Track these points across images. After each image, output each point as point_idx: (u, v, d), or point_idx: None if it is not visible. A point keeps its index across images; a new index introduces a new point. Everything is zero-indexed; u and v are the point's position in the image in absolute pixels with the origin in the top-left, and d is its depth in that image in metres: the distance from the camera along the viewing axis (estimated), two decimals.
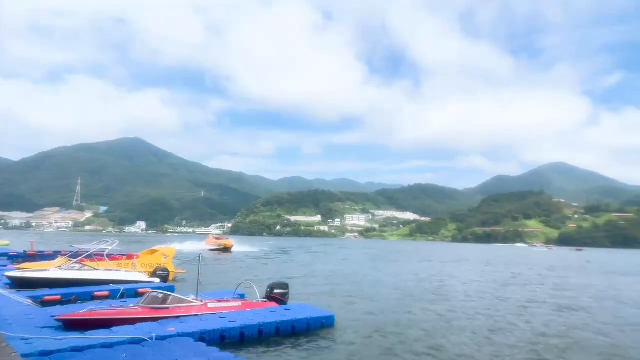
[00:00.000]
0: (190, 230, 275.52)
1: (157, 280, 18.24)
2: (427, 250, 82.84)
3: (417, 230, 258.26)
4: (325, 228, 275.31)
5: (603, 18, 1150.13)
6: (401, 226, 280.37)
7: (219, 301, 12.06)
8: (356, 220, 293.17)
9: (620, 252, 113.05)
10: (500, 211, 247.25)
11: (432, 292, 20.10)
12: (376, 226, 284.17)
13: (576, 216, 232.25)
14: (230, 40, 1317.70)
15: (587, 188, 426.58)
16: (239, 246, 62.29)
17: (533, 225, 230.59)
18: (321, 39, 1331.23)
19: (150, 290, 11.79)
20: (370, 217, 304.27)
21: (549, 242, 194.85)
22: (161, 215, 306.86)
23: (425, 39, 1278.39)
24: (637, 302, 18.87)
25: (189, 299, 11.28)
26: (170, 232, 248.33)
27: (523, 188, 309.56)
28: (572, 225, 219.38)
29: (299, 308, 12.17)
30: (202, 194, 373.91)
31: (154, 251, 24.03)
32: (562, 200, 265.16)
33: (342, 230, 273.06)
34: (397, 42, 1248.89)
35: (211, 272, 26.54)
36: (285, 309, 11.87)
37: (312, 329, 11.07)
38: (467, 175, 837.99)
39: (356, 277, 26.43)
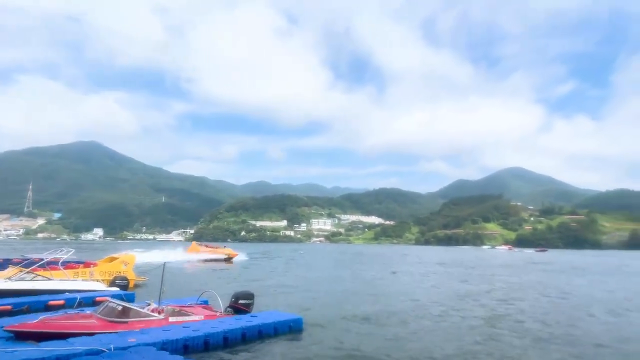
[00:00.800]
0: (151, 237, 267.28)
1: (116, 289, 17.52)
2: (391, 254, 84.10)
3: (382, 234, 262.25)
4: (291, 233, 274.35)
5: (557, 29, 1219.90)
6: (366, 230, 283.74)
7: (182, 308, 11.69)
8: (322, 224, 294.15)
9: (578, 253, 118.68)
10: (461, 214, 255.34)
11: (398, 294, 20.39)
12: (342, 230, 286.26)
13: (532, 218, 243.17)
14: (192, 42, 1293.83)
15: (541, 191, 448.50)
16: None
17: (492, 227, 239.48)
18: (286, 43, 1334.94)
19: (108, 300, 11.22)
20: (336, 221, 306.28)
21: (506, 243, 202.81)
22: (119, 222, 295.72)
23: (389, 45, 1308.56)
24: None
25: (149, 312, 10.77)
26: (130, 239, 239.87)
27: (482, 192, 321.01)
28: (528, 228, 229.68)
29: (265, 314, 11.99)
30: (163, 200, 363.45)
31: (113, 259, 23.11)
32: (519, 204, 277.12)
33: (308, 235, 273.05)
34: (361, 47, 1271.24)
35: (177, 280, 25.73)
36: (252, 316, 11.65)
37: (280, 333, 10.94)
38: (430, 180, 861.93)
39: (322, 281, 26.44)
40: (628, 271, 42.50)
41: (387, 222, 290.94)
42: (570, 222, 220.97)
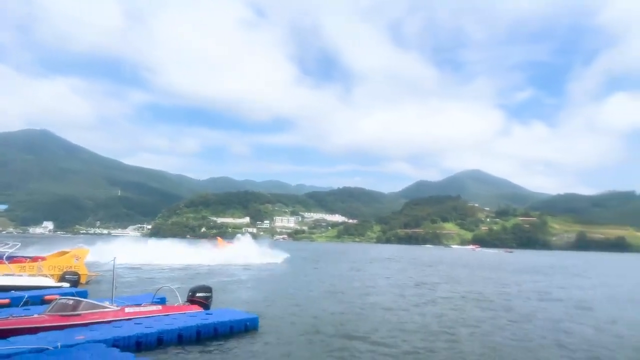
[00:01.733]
0: (106, 231, 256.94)
1: (66, 285, 16.74)
2: (355, 251, 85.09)
3: (345, 232, 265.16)
4: (253, 230, 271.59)
5: (518, 38, 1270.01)
6: (330, 228, 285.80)
7: (137, 306, 11.39)
8: (286, 222, 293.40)
9: (540, 253, 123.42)
10: (421, 214, 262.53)
11: (357, 292, 20.67)
12: (305, 228, 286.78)
13: (488, 219, 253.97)
14: (153, 29, 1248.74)
15: (498, 194, 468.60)
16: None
17: (450, 227, 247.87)
18: (253, 36, 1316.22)
19: (59, 297, 10.74)
20: (300, 219, 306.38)
21: (463, 243, 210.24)
22: (71, 215, 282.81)
23: (357, 44, 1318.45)
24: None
25: (103, 304, 10.47)
26: (83, 233, 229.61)
27: (442, 193, 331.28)
28: (484, 228, 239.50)
29: (221, 312, 11.86)
30: (119, 193, 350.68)
31: (64, 253, 22.06)
32: (476, 205, 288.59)
33: (271, 232, 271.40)
34: (329, 45, 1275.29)
35: (132, 276, 24.92)
36: (207, 313, 11.50)
37: (236, 331, 10.84)
38: (392, 180, 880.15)
39: (282, 279, 26.43)
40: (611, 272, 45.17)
41: (350, 221, 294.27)
42: (524, 223, 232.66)
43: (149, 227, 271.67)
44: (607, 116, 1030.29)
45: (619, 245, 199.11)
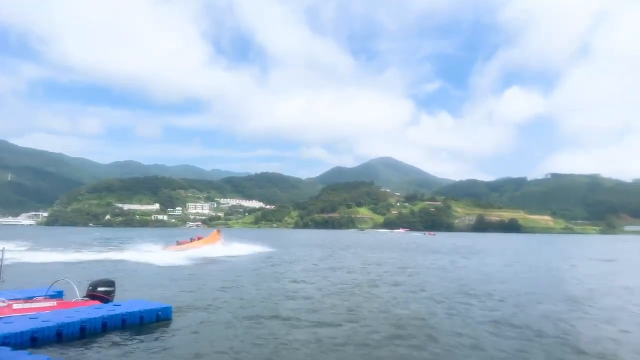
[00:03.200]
0: None
1: None
2: (275, 237, 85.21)
3: (262, 218, 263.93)
4: (164, 217, 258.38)
5: (427, 31, 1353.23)
6: (246, 214, 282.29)
7: (27, 301, 10.38)
8: (199, 208, 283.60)
9: (454, 235, 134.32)
10: (337, 199, 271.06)
11: (273, 280, 20.91)
12: (221, 214, 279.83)
13: (398, 204, 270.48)
14: None
15: (407, 180, 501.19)
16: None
17: (364, 212, 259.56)
18: (162, 8, 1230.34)
19: None
20: (215, 205, 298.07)
21: (375, 226, 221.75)
22: None
23: (274, 26, 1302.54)
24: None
25: None
26: None
27: (356, 179, 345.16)
28: (394, 212, 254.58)
29: (130, 303, 11.17)
30: (9, 178, 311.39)
31: None
32: (388, 190, 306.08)
33: (184, 220, 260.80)
34: (245, 24, 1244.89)
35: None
36: (114, 305, 10.77)
37: (146, 322, 10.33)
38: (310, 166, 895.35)
39: (196, 269, 25.77)
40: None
41: (268, 207, 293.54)
42: (430, 207, 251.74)
43: (45, 214, 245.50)
44: (504, 108, 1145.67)
45: (512, 227, 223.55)
